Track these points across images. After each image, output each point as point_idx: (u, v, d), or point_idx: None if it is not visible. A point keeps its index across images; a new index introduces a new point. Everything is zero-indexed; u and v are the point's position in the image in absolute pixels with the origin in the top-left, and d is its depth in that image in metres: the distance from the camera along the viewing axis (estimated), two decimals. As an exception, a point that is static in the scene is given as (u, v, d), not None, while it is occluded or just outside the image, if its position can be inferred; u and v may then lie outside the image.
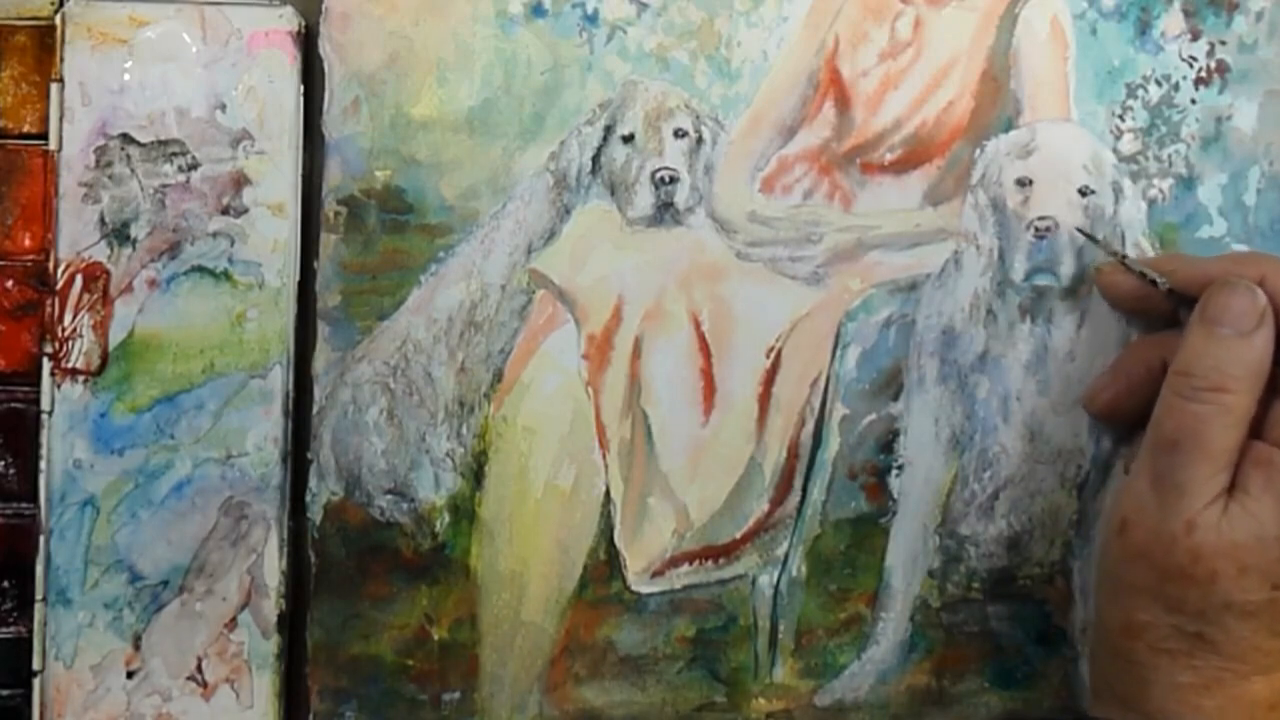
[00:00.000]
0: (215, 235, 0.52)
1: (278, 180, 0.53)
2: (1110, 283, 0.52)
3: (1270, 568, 0.44)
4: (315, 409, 0.53)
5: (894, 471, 0.54)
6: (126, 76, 0.52)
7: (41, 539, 0.52)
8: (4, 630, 0.52)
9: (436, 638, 0.53)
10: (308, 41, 0.53)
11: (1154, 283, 0.50)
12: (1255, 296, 0.46)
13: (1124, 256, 0.52)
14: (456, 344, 0.53)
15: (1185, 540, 0.45)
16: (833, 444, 0.54)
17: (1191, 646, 0.45)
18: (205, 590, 0.52)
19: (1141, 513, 0.46)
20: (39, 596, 0.52)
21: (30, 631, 0.52)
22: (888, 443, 0.54)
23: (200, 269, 0.52)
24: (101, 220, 0.52)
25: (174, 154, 0.52)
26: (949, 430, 0.54)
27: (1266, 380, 0.46)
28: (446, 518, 0.53)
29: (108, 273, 0.52)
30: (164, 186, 0.52)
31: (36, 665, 0.52)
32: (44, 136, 0.52)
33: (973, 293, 0.54)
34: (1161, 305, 0.50)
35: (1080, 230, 0.53)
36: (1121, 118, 0.54)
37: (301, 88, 0.53)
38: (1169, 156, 0.55)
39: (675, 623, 0.54)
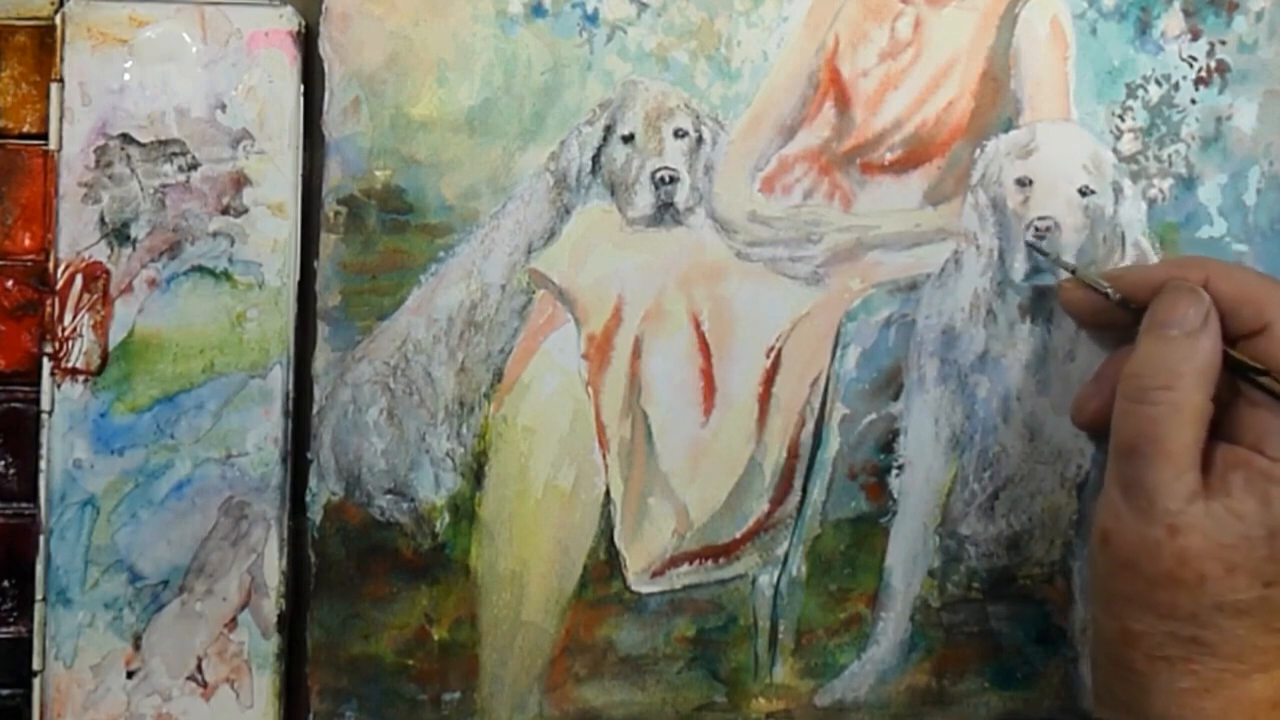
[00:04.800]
0: (215, 235, 0.52)
1: (278, 180, 0.53)
2: (1070, 299, 0.52)
3: (1259, 566, 0.44)
4: (315, 409, 0.53)
5: (894, 471, 0.54)
6: (126, 76, 0.52)
7: (41, 539, 0.52)
8: (4, 630, 0.52)
9: (436, 638, 0.53)
10: (308, 41, 0.53)
11: (1106, 295, 0.50)
12: (1200, 298, 0.47)
13: (1075, 270, 0.52)
14: (456, 344, 0.53)
15: (1170, 545, 0.45)
16: (833, 444, 0.54)
17: (1188, 651, 0.45)
18: (205, 590, 0.52)
19: (1119, 522, 0.46)
20: (39, 596, 0.52)
21: (30, 631, 0.52)
22: (888, 443, 0.54)
23: (200, 269, 0.52)
24: (101, 220, 0.52)
25: (174, 154, 0.52)
26: (949, 430, 0.54)
27: (1220, 380, 0.46)
28: (446, 518, 0.53)
29: (108, 273, 0.52)
30: (164, 186, 0.52)
31: (36, 665, 0.52)
32: (44, 136, 0.52)
33: (973, 293, 0.54)
34: (1121, 318, 0.50)
35: (1030, 244, 0.53)
36: (1121, 118, 0.54)
37: (301, 88, 0.53)
38: (1169, 156, 0.55)
39: (675, 623, 0.54)
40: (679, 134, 0.54)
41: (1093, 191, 0.54)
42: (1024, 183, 0.54)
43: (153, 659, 0.52)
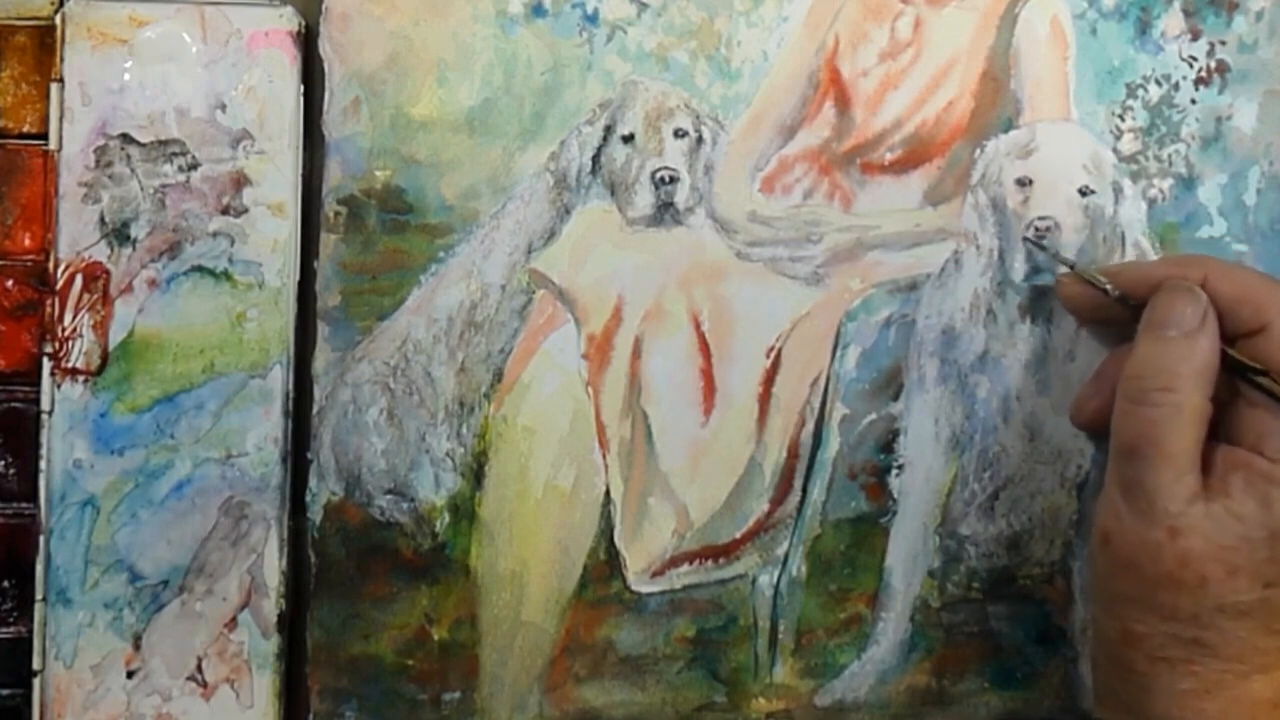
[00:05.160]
0: (215, 235, 0.52)
1: (278, 180, 0.53)
2: (1069, 294, 0.52)
3: (1260, 568, 0.44)
4: (315, 409, 0.53)
5: (894, 471, 0.54)
6: (126, 76, 0.52)
7: (41, 539, 0.52)
8: (4, 630, 0.52)
9: (436, 638, 0.53)
10: (308, 41, 0.53)
11: (1104, 291, 0.50)
12: (1197, 297, 0.47)
13: (1074, 266, 0.52)
14: (456, 344, 0.53)
15: (1171, 546, 0.45)
16: (833, 444, 0.54)
17: (1189, 652, 0.45)
18: (205, 590, 0.52)
19: (1120, 523, 0.46)
20: (39, 596, 0.52)
21: (30, 631, 0.52)
22: (888, 443, 0.54)
23: (200, 269, 0.52)
24: (101, 220, 0.52)
25: (174, 154, 0.52)
26: (949, 430, 0.54)
27: (1219, 381, 0.46)
28: (446, 518, 0.53)
29: (108, 273, 0.52)
30: (164, 186, 0.52)
31: (36, 665, 0.52)
32: (44, 136, 0.52)
33: (973, 293, 0.54)
34: (1119, 314, 0.50)
35: (1029, 240, 0.53)
36: (1121, 118, 0.54)
37: (301, 88, 0.53)
38: (1169, 156, 0.55)
39: (675, 623, 0.54)
40: (679, 134, 0.54)
41: (1093, 191, 0.54)
42: (1024, 183, 0.54)
43: (153, 659, 0.52)
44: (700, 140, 0.54)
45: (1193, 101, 0.55)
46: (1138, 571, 0.45)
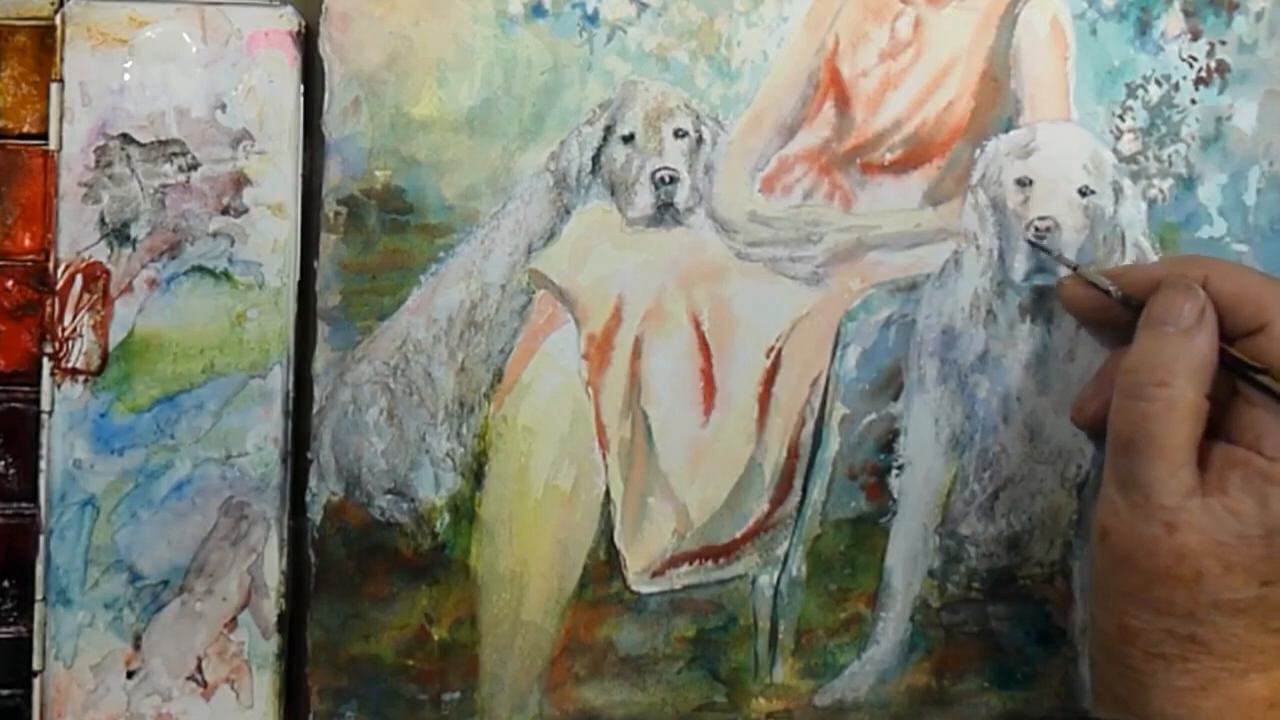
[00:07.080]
0: (215, 235, 0.52)
1: (278, 180, 0.53)
2: (1071, 296, 0.52)
3: (1256, 565, 0.44)
4: (315, 409, 0.53)
5: (894, 471, 0.54)
6: (126, 76, 0.52)
7: (41, 539, 0.52)
8: (4, 630, 0.52)
9: (436, 638, 0.53)
10: (308, 41, 0.53)
11: (1108, 292, 0.50)
12: (1195, 294, 0.47)
13: (1077, 267, 0.52)
14: (456, 344, 0.53)
15: (1168, 541, 0.45)
16: (833, 444, 0.54)
17: (1185, 649, 0.45)
18: (205, 590, 0.52)
19: (1117, 518, 0.46)
20: (39, 596, 0.52)
21: (30, 631, 0.52)
22: (888, 443, 0.54)
23: (200, 269, 0.52)
24: (101, 220, 0.52)
25: (174, 154, 0.52)
26: (949, 430, 0.54)
27: (1218, 379, 0.46)
28: (446, 518, 0.53)
29: (108, 273, 0.52)
30: (164, 186, 0.52)
31: (36, 665, 0.52)
32: (44, 136, 0.52)
33: (973, 293, 0.54)
34: (1122, 315, 0.50)
35: (1032, 242, 0.53)
36: (1121, 118, 0.54)
37: (301, 88, 0.53)
38: (1169, 156, 0.55)
39: (675, 623, 0.54)
40: (679, 134, 0.54)
41: (1093, 191, 0.54)
42: (1024, 183, 0.54)
43: (153, 659, 0.52)
44: (700, 140, 0.54)
45: (1193, 101, 0.55)
46: (1134, 566, 0.45)
